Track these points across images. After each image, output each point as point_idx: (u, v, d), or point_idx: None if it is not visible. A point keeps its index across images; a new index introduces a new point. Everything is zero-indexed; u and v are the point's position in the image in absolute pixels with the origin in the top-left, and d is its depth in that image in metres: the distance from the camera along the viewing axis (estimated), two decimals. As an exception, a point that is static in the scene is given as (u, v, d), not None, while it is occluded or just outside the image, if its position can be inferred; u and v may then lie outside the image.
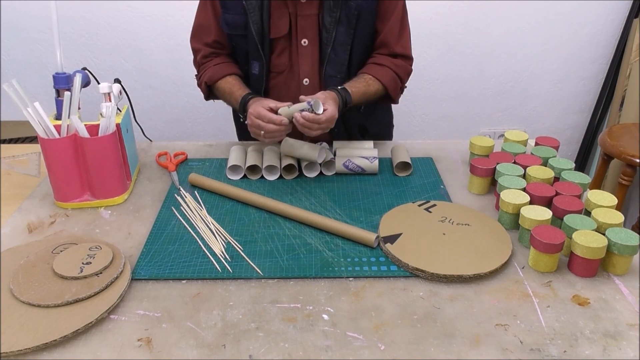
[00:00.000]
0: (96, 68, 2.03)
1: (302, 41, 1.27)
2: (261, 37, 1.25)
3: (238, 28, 1.26)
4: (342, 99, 1.20)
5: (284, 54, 1.29)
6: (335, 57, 1.27)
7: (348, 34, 1.25)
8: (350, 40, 1.25)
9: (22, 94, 0.99)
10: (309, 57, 1.28)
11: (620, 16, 2.19)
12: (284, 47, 1.28)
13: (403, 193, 1.14)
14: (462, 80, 2.30)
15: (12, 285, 0.83)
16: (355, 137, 1.41)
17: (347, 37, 1.25)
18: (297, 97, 1.31)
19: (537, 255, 0.89)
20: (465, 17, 2.16)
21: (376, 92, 1.28)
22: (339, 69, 1.28)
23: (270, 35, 1.25)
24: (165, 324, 0.79)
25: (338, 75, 1.29)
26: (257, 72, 1.30)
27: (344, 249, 0.95)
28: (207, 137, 2.34)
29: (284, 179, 1.19)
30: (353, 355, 0.74)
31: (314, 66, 1.29)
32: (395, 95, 1.33)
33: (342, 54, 1.27)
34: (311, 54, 1.28)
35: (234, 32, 1.27)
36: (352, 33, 1.25)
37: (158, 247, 0.96)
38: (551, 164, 1.11)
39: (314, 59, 1.29)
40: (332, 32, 1.24)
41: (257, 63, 1.29)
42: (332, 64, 1.28)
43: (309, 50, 1.28)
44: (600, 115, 2.37)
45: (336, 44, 1.25)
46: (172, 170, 1.22)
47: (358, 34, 1.26)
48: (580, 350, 0.74)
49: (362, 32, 1.26)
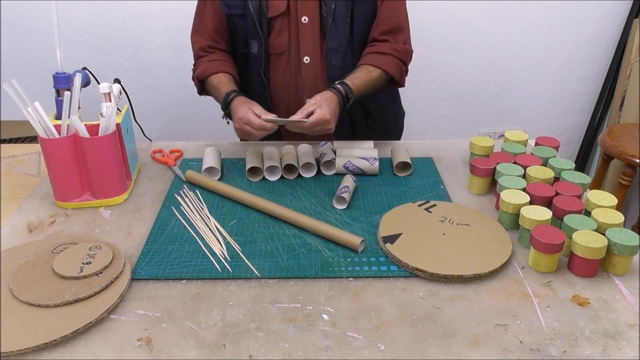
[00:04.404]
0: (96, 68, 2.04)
1: (302, 19, 1.28)
2: (259, 15, 1.27)
3: (237, 7, 1.28)
4: (341, 94, 1.20)
5: (283, 33, 1.30)
6: (336, 30, 1.28)
7: (347, 6, 1.26)
8: (349, 11, 1.27)
9: (22, 93, 0.99)
10: (309, 35, 1.29)
11: (620, 16, 2.19)
12: (282, 26, 1.29)
13: (403, 193, 1.14)
14: (462, 80, 2.30)
15: (12, 285, 0.83)
16: (358, 120, 1.42)
17: (346, 9, 1.27)
18: (297, 77, 1.34)
19: (537, 256, 0.89)
20: (465, 17, 2.16)
21: (380, 78, 1.29)
22: (340, 42, 1.29)
23: (268, 14, 1.27)
24: (165, 324, 0.79)
25: (340, 48, 1.30)
26: (255, 52, 1.32)
27: (344, 249, 0.95)
28: (207, 137, 2.33)
29: (285, 178, 1.19)
30: (353, 355, 0.74)
31: (315, 44, 1.30)
32: (401, 80, 1.34)
33: (343, 26, 1.28)
34: (311, 31, 1.29)
35: (232, 12, 1.29)
36: (351, 4, 1.26)
37: (158, 247, 0.96)
38: (551, 164, 1.11)
39: (315, 35, 1.30)
40: (331, 5, 1.25)
41: (256, 42, 1.31)
42: (333, 38, 1.29)
43: (309, 27, 1.29)
44: (600, 116, 2.38)
45: (336, 16, 1.27)
46: (173, 165, 1.23)
47: (357, 5, 1.27)
48: (580, 351, 0.74)
49: (361, 2, 1.27)
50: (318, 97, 1.16)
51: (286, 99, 1.38)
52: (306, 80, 1.34)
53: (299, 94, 1.36)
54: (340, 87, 1.21)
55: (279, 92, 1.37)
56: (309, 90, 1.35)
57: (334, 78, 1.31)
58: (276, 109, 1.40)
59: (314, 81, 1.34)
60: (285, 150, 1.24)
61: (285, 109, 1.39)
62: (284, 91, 1.37)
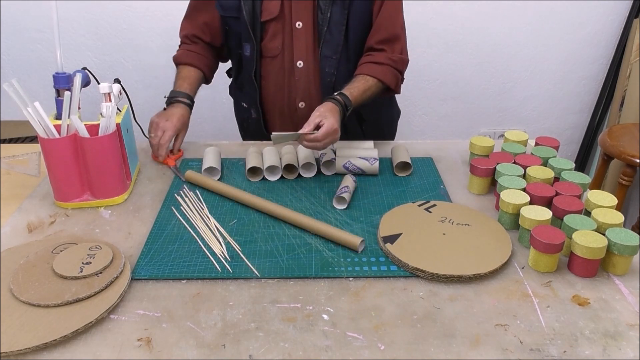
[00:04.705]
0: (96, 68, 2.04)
1: (296, 24, 1.28)
2: (252, 19, 1.27)
3: (231, 10, 1.29)
4: (341, 105, 1.19)
5: (276, 37, 1.29)
6: (331, 38, 1.28)
7: (342, 14, 1.26)
8: (344, 19, 1.26)
9: (22, 93, 0.99)
10: (303, 40, 1.29)
11: (620, 16, 2.19)
12: (276, 30, 1.29)
13: (403, 193, 1.14)
14: (462, 80, 2.30)
15: (12, 285, 0.83)
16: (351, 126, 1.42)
17: (341, 16, 1.26)
18: (290, 80, 1.33)
19: (537, 256, 0.89)
20: (465, 17, 2.16)
21: (377, 88, 1.29)
22: (334, 50, 1.29)
23: (261, 18, 1.27)
24: (165, 324, 0.79)
25: (334, 56, 1.30)
26: (248, 54, 1.33)
27: (344, 249, 0.95)
28: (207, 137, 2.33)
29: (285, 178, 1.19)
30: (353, 355, 0.74)
31: (309, 49, 1.30)
32: (397, 88, 1.35)
33: (338, 34, 1.28)
34: (305, 36, 1.29)
35: (227, 15, 1.30)
36: (347, 13, 1.26)
37: (158, 247, 0.96)
38: (551, 164, 1.11)
39: (309, 41, 1.30)
40: (327, 12, 1.25)
41: (249, 45, 1.31)
42: (328, 45, 1.29)
43: (303, 32, 1.29)
44: (600, 115, 2.37)
45: (331, 24, 1.26)
46: (173, 165, 1.23)
47: (353, 12, 1.27)
48: (580, 351, 0.74)
49: (357, 10, 1.27)
50: (322, 109, 1.15)
51: (279, 102, 1.38)
52: (299, 84, 1.34)
53: (291, 98, 1.36)
54: (340, 97, 1.20)
55: (271, 94, 1.37)
56: (301, 95, 1.35)
57: (327, 85, 1.31)
58: (268, 112, 1.41)
59: (307, 85, 1.34)
60: (285, 150, 1.24)
61: (278, 112, 1.39)
62: (276, 94, 1.37)
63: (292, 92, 1.35)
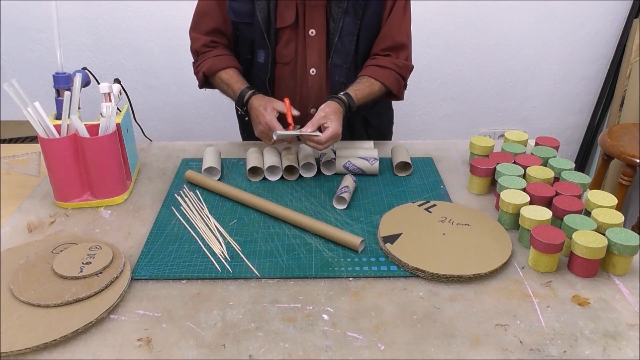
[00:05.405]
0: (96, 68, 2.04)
1: (309, 31, 1.27)
2: (267, 25, 1.26)
3: (244, 16, 1.27)
4: (345, 106, 1.19)
5: (290, 44, 1.29)
6: (341, 47, 1.28)
7: (354, 24, 1.26)
8: (356, 30, 1.26)
9: (22, 93, 0.99)
10: (316, 47, 1.29)
11: (620, 16, 2.19)
12: (290, 37, 1.28)
13: (403, 193, 1.14)
14: (462, 80, 2.30)
15: (12, 285, 0.83)
16: (358, 130, 1.42)
17: (353, 27, 1.26)
18: (303, 87, 1.32)
19: (537, 256, 0.89)
20: (465, 17, 2.16)
21: (380, 91, 1.29)
22: (345, 59, 1.29)
23: (276, 25, 1.26)
24: (165, 324, 0.79)
25: (344, 65, 1.30)
26: (262, 61, 1.31)
27: (344, 249, 0.95)
28: (207, 137, 2.34)
29: (285, 179, 1.19)
30: (353, 355, 0.74)
31: (321, 56, 1.30)
32: (400, 94, 1.34)
33: (349, 43, 1.28)
34: (318, 44, 1.29)
35: (240, 20, 1.28)
36: (359, 23, 1.26)
37: (158, 247, 0.96)
38: (551, 164, 1.11)
39: (321, 49, 1.29)
40: (339, 22, 1.25)
41: (263, 52, 1.30)
42: (338, 54, 1.28)
43: (316, 40, 1.28)
44: (600, 115, 2.38)
45: (343, 34, 1.26)
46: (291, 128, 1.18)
47: (364, 23, 1.26)
48: (580, 351, 0.74)
49: (368, 21, 1.27)
50: (327, 109, 1.15)
51: None
52: (312, 91, 1.33)
53: (303, 104, 1.35)
54: (345, 98, 1.20)
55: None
56: (313, 102, 1.34)
57: (336, 93, 1.31)
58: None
59: (318, 93, 1.34)
60: (285, 151, 1.24)
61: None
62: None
63: (304, 98, 1.35)
